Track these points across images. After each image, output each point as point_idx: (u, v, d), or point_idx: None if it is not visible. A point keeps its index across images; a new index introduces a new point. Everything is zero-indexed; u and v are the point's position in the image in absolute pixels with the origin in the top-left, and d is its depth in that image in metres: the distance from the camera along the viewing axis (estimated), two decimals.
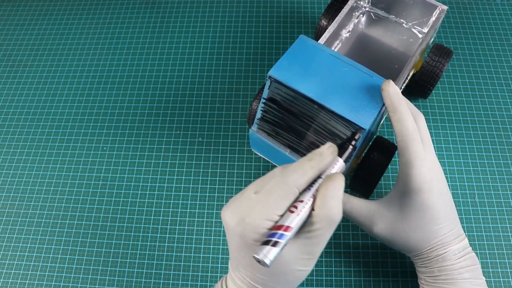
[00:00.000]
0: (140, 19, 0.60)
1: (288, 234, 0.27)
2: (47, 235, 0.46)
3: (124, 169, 0.49)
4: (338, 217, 0.28)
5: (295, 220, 0.28)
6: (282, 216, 0.28)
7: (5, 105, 0.54)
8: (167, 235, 0.45)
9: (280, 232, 0.27)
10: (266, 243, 0.27)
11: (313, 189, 0.29)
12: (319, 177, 0.30)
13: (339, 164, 0.31)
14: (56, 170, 0.50)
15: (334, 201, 0.28)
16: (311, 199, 0.29)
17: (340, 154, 0.31)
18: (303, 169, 0.29)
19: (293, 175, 0.29)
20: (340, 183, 0.28)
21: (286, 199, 0.28)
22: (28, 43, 0.59)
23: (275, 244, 0.27)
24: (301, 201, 0.29)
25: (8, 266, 0.45)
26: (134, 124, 0.52)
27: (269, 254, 0.27)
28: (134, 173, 0.49)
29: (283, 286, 0.31)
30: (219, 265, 0.43)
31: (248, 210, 0.28)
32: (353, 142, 0.33)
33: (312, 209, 0.29)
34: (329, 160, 0.30)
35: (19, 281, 0.44)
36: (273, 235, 0.28)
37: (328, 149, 0.30)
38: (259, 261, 0.27)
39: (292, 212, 0.28)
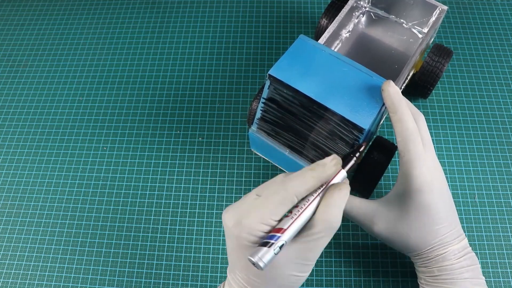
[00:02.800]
0: (140, 19, 0.60)
1: (283, 237, 0.28)
2: (47, 235, 0.46)
3: (124, 169, 0.49)
4: (337, 224, 0.29)
5: (292, 225, 0.29)
6: (279, 221, 0.29)
7: (5, 105, 0.54)
8: (167, 235, 0.45)
9: (276, 235, 0.28)
10: (262, 245, 0.28)
11: (312, 198, 0.30)
12: (319, 187, 0.30)
13: (341, 175, 0.31)
14: (56, 170, 0.50)
15: (337, 209, 0.29)
16: (311, 207, 0.29)
17: (343, 165, 0.32)
18: (304, 177, 0.29)
19: (294, 183, 0.29)
20: (345, 193, 0.29)
21: (284, 205, 0.29)
22: (28, 43, 0.59)
23: (270, 246, 0.28)
24: (302, 208, 0.29)
25: (8, 266, 0.45)
26: (134, 124, 0.52)
27: (264, 257, 0.27)
28: (134, 173, 0.49)
29: None
30: (219, 265, 0.43)
31: (245, 213, 0.29)
32: (357, 154, 0.33)
33: (312, 216, 0.29)
34: (331, 172, 0.30)
35: (19, 281, 0.44)
36: (269, 238, 0.28)
37: (332, 161, 0.30)
38: (254, 263, 0.28)
39: (288, 216, 0.29)
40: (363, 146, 0.34)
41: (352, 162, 0.33)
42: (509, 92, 0.52)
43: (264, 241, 0.28)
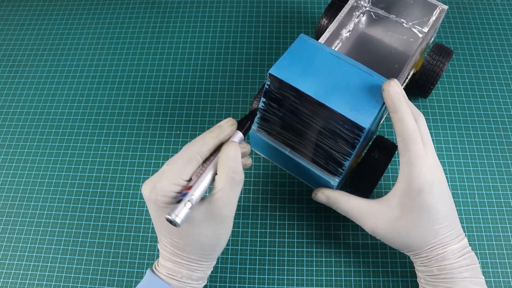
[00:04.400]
0: (140, 19, 0.60)
1: (191, 191, 0.31)
2: (47, 235, 0.46)
3: (124, 169, 0.49)
4: (238, 177, 0.32)
5: (198, 179, 0.32)
6: (189, 181, 0.32)
7: (5, 105, 0.54)
8: None
9: (187, 192, 0.31)
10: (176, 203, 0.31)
11: (216, 158, 0.33)
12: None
13: (238, 136, 0.35)
14: (56, 170, 0.50)
15: (232, 161, 0.32)
16: (215, 165, 0.33)
17: (240, 129, 0.35)
18: (203, 139, 0.33)
19: (195, 144, 0.33)
20: (233, 146, 0.32)
21: (189, 165, 0.32)
22: (28, 43, 0.59)
23: (184, 203, 0.30)
24: (206, 166, 0.33)
25: (8, 266, 0.45)
26: (134, 124, 0.52)
27: (178, 213, 0.30)
28: (134, 173, 0.49)
29: (201, 252, 0.34)
30: (219, 265, 0.43)
31: (158, 179, 0.32)
32: (252, 120, 0.36)
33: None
34: (228, 132, 0.34)
35: (19, 281, 0.44)
36: (182, 196, 0.31)
37: (227, 123, 0.34)
38: (171, 221, 0.30)
39: (198, 176, 0.32)
40: (257, 112, 0.36)
41: (247, 125, 0.36)
42: (509, 92, 0.52)
43: (178, 200, 0.31)
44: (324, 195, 0.39)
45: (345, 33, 0.49)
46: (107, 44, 0.58)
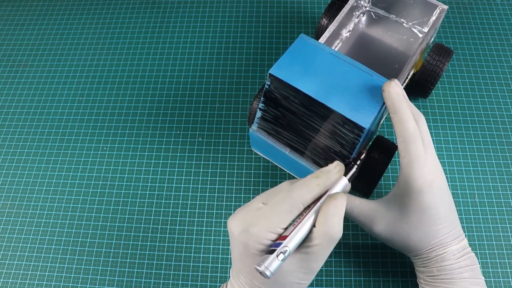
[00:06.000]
0: (140, 19, 0.60)
1: (286, 243, 0.28)
2: (47, 235, 0.46)
3: (124, 169, 0.49)
4: (337, 235, 0.29)
5: (293, 231, 0.29)
6: (285, 229, 0.29)
7: (5, 105, 0.54)
8: (167, 235, 0.45)
9: (282, 242, 0.28)
10: (268, 253, 0.28)
11: (317, 206, 0.30)
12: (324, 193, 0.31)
13: (343, 182, 0.32)
14: (56, 170, 0.50)
15: (335, 218, 0.29)
16: (314, 215, 0.30)
17: (345, 173, 0.32)
18: (309, 186, 0.30)
19: (300, 191, 0.30)
20: (341, 202, 0.29)
21: (290, 214, 0.29)
22: (28, 43, 0.59)
23: (275, 254, 0.28)
24: (304, 216, 0.29)
25: (8, 266, 0.45)
26: (134, 124, 0.52)
27: (270, 265, 0.28)
28: (134, 173, 0.49)
29: None
30: (219, 265, 0.43)
31: (253, 221, 0.29)
32: (358, 162, 0.34)
33: (314, 225, 0.30)
34: (335, 179, 0.31)
35: (19, 281, 0.44)
36: (275, 246, 0.28)
37: (335, 168, 0.31)
38: (260, 272, 0.28)
39: (295, 226, 0.29)
40: (364, 154, 0.34)
41: (354, 170, 0.33)
42: (509, 92, 0.52)
43: (271, 249, 0.28)
44: None
45: (345, 33, 0.49)
46: (107, 44, 0.58)
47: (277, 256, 0.28)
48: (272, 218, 0.29)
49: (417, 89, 0.49)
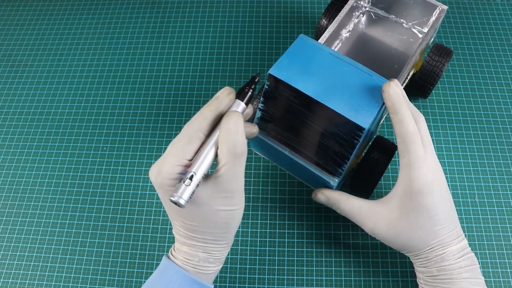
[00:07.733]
0: (140, 19, 0.60)
1: (191, 169, 0.30)
2: (47, 235, 0.46)
3: (124, 169, 0.49)
4: (239, 149, 0.30)
5: (197, 155, 0.31)
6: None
7: (5, 105, 0.54)
8: (167, 235, 0.45)
9: (188, 170, 0.30)
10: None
11: (217, 132, 0.31)
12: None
13: (241, 106, 0.33)
14: (56, 170, 0.50)
15: (232, 133, 0.30)
16: (215, 138, 0.31)
17: (241, 98, 0.33)
18: (202, 114, 0.31)
19: (195, 121, 0.31)
20: (235, 117, 0.31)
21: (191, 143, 0.31)
22: (28, 43, 0.59)
23: (183, 181, 0.30)
24: (207, 142, 0.31)
25: (8, 266, 0.45)
26: (134, 124, 0.52)
27: (182, 194, 0.29)
28: (134, 173, 0.49)
29: (216, 230, 0.33)
30: None
31: (162, 161, 0.31)
32: (253, 86, 0.34)
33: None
34: (226, 102, 0.32)
35: (19, 281, 0.44)
36: (184, 175, 0.30)
37: (223, 92, 0.32)
38: (176, 203, 0.30)
39: (199, 153, 0.31)
40: (258, 78, 0.34)
41: (249, 94, 0.34)
42: (509, 92, 0.52)
43: (180, 179, 0.30)
44: (324, 196, 0.39)
45: (345, 33, 0.49)
46: (107, 44, 0.58)
47: (184, 182, 0.29)
48: (176, 152, 0.31)
49: (417, 89, 0.49)
